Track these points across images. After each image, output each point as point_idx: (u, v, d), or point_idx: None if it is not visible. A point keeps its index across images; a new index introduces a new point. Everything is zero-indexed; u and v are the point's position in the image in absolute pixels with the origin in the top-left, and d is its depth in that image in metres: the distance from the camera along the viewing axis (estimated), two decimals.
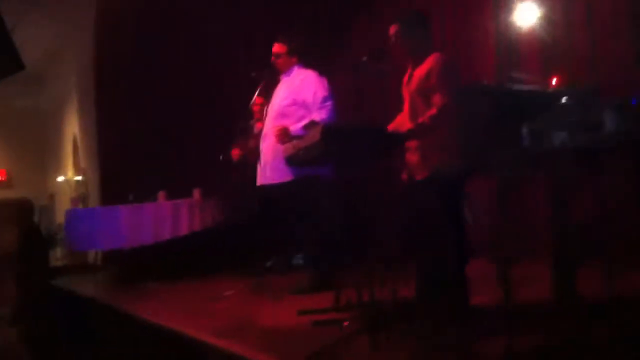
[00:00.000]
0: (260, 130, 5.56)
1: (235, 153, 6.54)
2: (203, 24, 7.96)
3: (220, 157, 6.59)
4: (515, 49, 5.57)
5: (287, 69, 5.31)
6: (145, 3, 7.94)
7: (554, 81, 2.61)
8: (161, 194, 7.03)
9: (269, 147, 5.12)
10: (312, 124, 4.19)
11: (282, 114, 5.12)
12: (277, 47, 5.29)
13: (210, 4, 7.87)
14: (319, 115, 4.95)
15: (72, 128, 11.02)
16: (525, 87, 2.67)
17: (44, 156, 13.86)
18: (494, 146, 2.39)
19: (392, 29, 3.92)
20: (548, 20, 5.20)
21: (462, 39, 6.20)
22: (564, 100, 2.21)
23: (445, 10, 6.37)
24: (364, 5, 7.56)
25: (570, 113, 2.15)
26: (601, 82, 4.82)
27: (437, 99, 3.67)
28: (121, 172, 7.85)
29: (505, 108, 2.41)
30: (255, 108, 6.46)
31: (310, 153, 3.84)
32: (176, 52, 8.00)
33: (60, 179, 12.14)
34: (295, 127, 4.89)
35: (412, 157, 3.86)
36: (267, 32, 7.25)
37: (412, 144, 3.83)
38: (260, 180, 5.33)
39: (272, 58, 5.32)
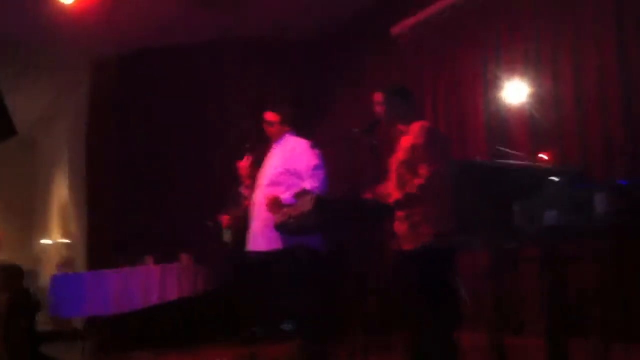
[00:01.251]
0: (248, 196, 5.59)
1: (225, 219, 6.53)
2: (195, 91, 8.08)
3: (209, 223, 6.57)
4: (505, 124, 5.66)
5: (279, 137, 5.35)
6: (138, 72, 8.06)
7: (544, 158, 2.66)
8: (149, 259, 6.98)
9: (259, 215, 5.11)
10: (304, 192, 4.20)
11: (274, 182, 5.14)
12: (270, 116, 5.34)
13: (203, 75, 8.01)
14: (310, 184, 4.96)
15: (62, 191, 11.00)
16: (516, 163, 2.71)
17: (31, 219, 13.77)
18: (485, 221, 2.41)
19: (376, 97, 4.05)
20: (537, 97, 5.32)
21: (453, 113, 6.30)
22: (554, 178, 2.24)
23: (436, 85, 6.50)
24: (352, 79, 7.72)
25: (561, 192, 2.18)
26: (590, 159, 4.92)
27: (423, 170, 3.74)
28: (109, 236, 7.80)
29: (497, 184, 2.44)
30: (243, 172, 6.51)
31: (301, 222, 3.86)
32: (167, 119, 8.08)
33: (47, 241, 12.04)
34: (286, 196, 4.89)
35: (401, 227, 3.89)
36: (257, 101, 7.41)
37: (400, 213, 3.86)
38: (249, 247, 5.31)
39: (264, 125, 5.37)
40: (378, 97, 4.06)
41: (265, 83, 7.89)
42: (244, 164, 6.28)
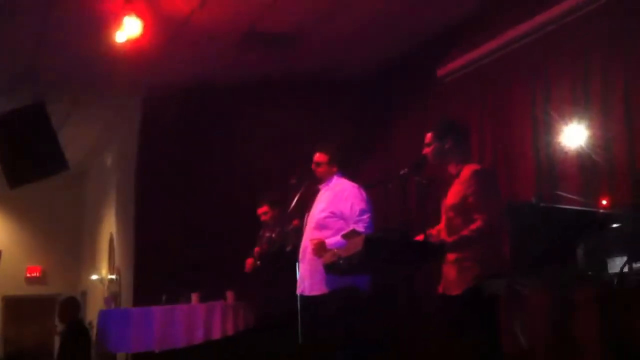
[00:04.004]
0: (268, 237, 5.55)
1: (249, 262, 6.62)
2: (241, 129, 8.16)
3: (257, 262, 6.60)
4: (555, 165, 5.58)
5: (327, 179, 5.36)
6: (188, 109, 8.19)
7: (604, 202, 2.61)
8: (194, 296, 7.01)
9: (307, 261, 5.11)
10: (354, 232, 4.20)
11: (321, 225, 5.14)
12: (318, 157, 5.37)
13: (248, 118, 8.10)
14: (356, 228, 4.95)
15: (110, 226, 11.17)
16: (575, 207, 2.67)
17: (79, 253, 13.98)
18: (545, 264, 2.38)
19: (427, 137, 4.02)
20: (587, 137, 5.24)
21: (499, 154, 6.24)
22: (617, 224, 2.20)
23: (483, 125, 6.46)
24: (398, 120, 7.73)
25: (626, 237, 2.14)
26: None
27: (477, 213, 3.70)
28: (155, 273, 7.87)
29: (556, 227, 2.41)
30: (263, 218, 6.61)
31: (351, 262, 3.84)
32: (216, 157, 8.18)
33: (95, 277, 12.19)
34: (331, 241, 4.87)
35: (450, 271, 3.85)
36: (303, 140, 7.47)
37: (450, 256, 3.83)
38: (299, 287, 5.30)
39: (313, 166, 5.38)
40: (428, 137, 4.04)
41: (314, 123, 7.94)
42: (263, 209, 6.60)
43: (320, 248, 4.81)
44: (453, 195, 3.84)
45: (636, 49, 5.03)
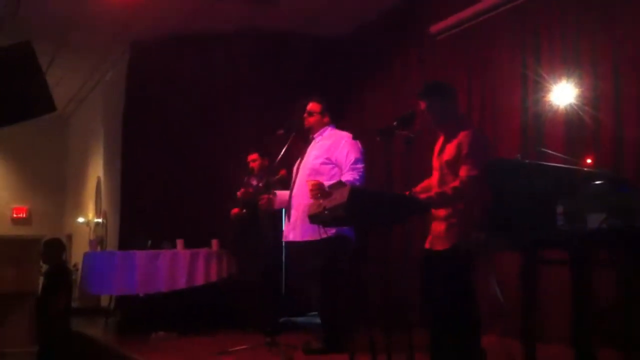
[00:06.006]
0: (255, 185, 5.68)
1: (235, 212, 6.68)
2: (225, 80, 8.15)
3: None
4: (542, 126, 5.61)
5: (319, 129, 5.42)
6: (175, 55, 8.15)
7: (588, 161, 2.63)
8: (179, 242, 7.05)
9: (300, 205, 5.13)
10: (339, 184, 4.22)
11: (316, 172, 5.17)
12: (311, 106, 5.43)
13: (239, 65, 8.10)
14: (349, 177, 5.00)
15: (96, 171, 11.14)
16: (558, 164, 2.69)
17: (65, 196, 13.98)
18: (526, 222, 2.40)
19: (421, 105, 4.00)
20: (575, 99, 5.26)
21: (487, 113, 6.26)
22: (598, 182, 2.22)
23: (472, 84, 6.46)
24: (387, 76, 7.72)
25: (606, 196, 2.17)
26: (626, 165, 4.86)
27: (462, 172, 3.72)
28: (141, 218, 7.90)
29: (540, 184, 2.43)
30: (252, 165, 6.68)
31: (335, 213, 3.87)
32: (201, 104, 8.16)
33: (80, 220, 12.21)
34: (329, 184, 4.91)
35: (438, 227, 3.88)
36: (292, 92, 7.48)
37: (440, 213, 3.85)
38: (287, 236, 5.34)
39: (305, 115, 5.42)
40: (422, 104, 4.02)
41: (296, 78, 7.95)
42: (252, 157, 6.73)
43: (317, 189, 4.79)
44: (450, 152, 3.86)
45: (626, 10, 5.02)
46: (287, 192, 5.43)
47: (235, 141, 7.87)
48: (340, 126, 5.58)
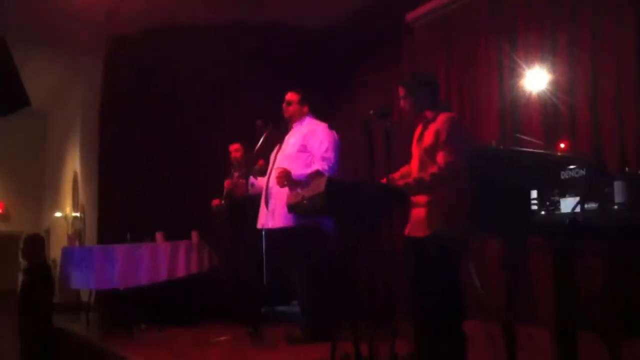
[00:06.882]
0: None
1: (215, 203, 6.68)
2: (207, 72, 8.09)
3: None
4: (519, 112, 5.65)
5: (298, 118, 5.42)
6: (152, 48, 8.08)
7: (562, 145, 2.65)
8: (159, 235, 7.02)
9: (279, 192, 5.14)
10: (318, 174, 4.22)
11: (291, 157, 5.21)
12: (290, 95, 5.45)
13: (216, 56, 8.03)
14: (319, 166, 5.01)
15: (73, 164, 11.06)
16: (534, 151, 2.70)
17: (42, 191, 13.87)
18: (500, 207, 2.42)
19: (400, 91, 4.01)
20: (552, 85, 5.30)
21: (465, 100, 6.29)
22: (572, 167, 2.24)
23: (450, 71, 6.48)
24: (366, 66, 7.72)
25: (580, 181, 2.18)
26: (603, 149, 4.91)
27: (440, 158, 3.73)
28: (119, 211, 7.84)
29: (515, 170, 2.44)
30: (234, 155, 6.68)
31: (314, 203, 3.86)
32: (180, 96, 8.10)
33: (58, 214, 12.12)
34: (298, 173, 4.94)
35: (418, 213, 3.88)
36: (266, 85, 7.46)
37: (419, 199, 3.85)
38: (263, 222, 5.35)
39: (284, 105, 5.43)
40: (401, 91, 4.03)
41: (278, 70, 7.92)
42: (235, 147, 6.71)
43: (284, 177, 4.84)
44: (428, 138, 3.86)
45: None
46: (264, 179, 5.44)
47: (214, 133, 7.83)
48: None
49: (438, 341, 3.70)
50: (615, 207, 2.05)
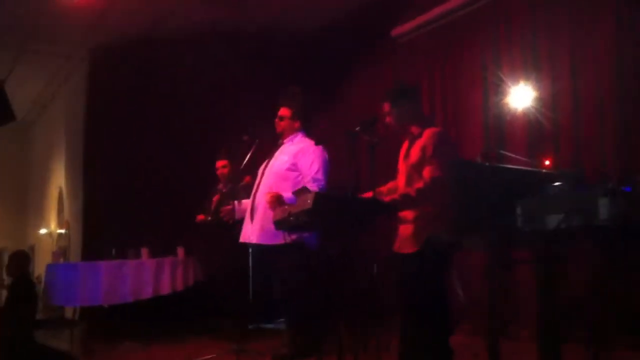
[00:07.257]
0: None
1: (200, 218, 6.68)
2: (193, 84, 8.08)
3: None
4: (503, 127, 5.70)
5: (289, 134, 5.36)
6: (138, 62, 8.07)
7: (547, 162, 2.68)
8: (144, 251, 6.97)
9: (264, 208, 5.09)
10: (304, 190, 4.21)
11: (282, 177, 5.15)
12: (282, 111, 5.37)
13: (201, 69, 8.01)
14: (310, 186, 4.97)
15: (58, 180, 10.98)
16: (518, 166, 2.73)
17: (26, 206, 13.74)
18: (486, 223, 2.43)
19: (385, 107, 4.02)
20: (534, 100, 5.35)
21: (449, 115, 6.34)
22: (557, 183, 2.26)
23: (434, 86, 6.52)
24: (350, 80, 7.74)
25: (564, 196, 2.21)
26: (586, 165, 4.96)
27: (426, 173, 3.74)
28: (104, 227, 7.80)
29: (499, 186, 2.46)
30: (221, 171, 6.71)
31: (300, 219, 3.87)
32: (165, 112, 8.09)
33: (43, 231, 12.02)
34: (288, 195, 4.88)
35: (406, 230, 3.89)
36: (254, 98, 7.44)
37: (407, 215, 3.86)
38: (247, 236, 5.31)
39: (276, 120, 5.38)
40: (386, 106, 4.03)
41: (263, 80, 7.90)
42: (221, 163, 6.70)
43: (276, 201, 4.79)
44: (414, 155, 3.87)
45: (582, 12, 5.13)
46: (249, 201, 5.39)
47: (197, 149, 7.81)
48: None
49: (424, 356, 3.71)
50: (600, 222, 2.07)
